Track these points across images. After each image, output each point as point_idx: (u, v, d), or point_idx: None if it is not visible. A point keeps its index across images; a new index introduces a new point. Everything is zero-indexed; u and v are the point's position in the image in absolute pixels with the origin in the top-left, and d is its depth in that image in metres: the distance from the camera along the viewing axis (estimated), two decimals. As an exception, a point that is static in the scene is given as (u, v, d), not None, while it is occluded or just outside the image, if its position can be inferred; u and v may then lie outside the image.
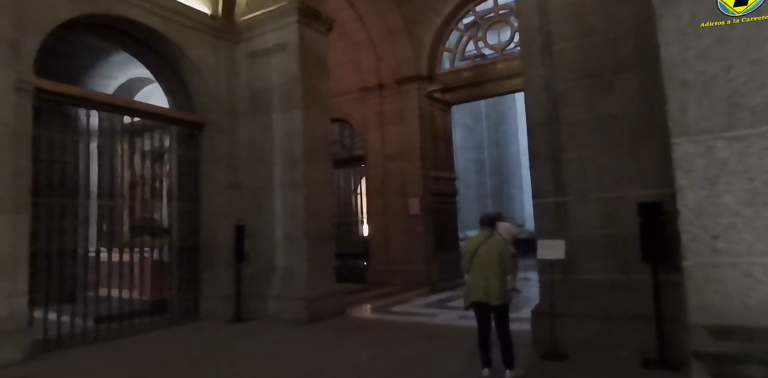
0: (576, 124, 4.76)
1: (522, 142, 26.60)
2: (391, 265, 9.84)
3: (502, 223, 9.11)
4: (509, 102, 26.69)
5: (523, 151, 26.44)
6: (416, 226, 9.49)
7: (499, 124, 26.39)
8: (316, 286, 6.56)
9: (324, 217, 6.91)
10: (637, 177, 4.44)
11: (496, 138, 26.66)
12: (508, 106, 26.54)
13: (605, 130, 4.61)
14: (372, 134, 10.36)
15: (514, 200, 25.91)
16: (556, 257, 4.38)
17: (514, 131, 26.38)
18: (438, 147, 9.51)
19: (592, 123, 4.68)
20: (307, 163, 6.67)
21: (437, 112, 9.59)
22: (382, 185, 10.14)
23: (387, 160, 10.11)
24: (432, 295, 8.43)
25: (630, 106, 4.51)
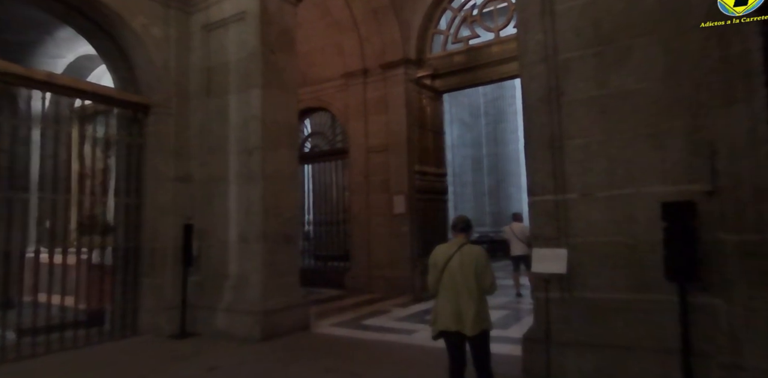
0: (581, 103, 3.83)
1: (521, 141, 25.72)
2: (373, 270, 8.91)
3: (518, 223, 8.37)
4: (509, 99, 25.88)
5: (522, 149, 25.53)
6: (401, 227, 8.55)
7: (498, 121, 25.56)
8: (274, 296, 5.62)
9: (287, 216, 5.97)
10: (658, 169, 3.51)
11: (495, 135, 25.81)
12: (507, 103, 25.72)
13: (618, 110, 3.68)
14: (354, 125, 9.42)
15: (512, 199, 25.07)
16: (555, 271, 3.45)
17: (513, 129, 25.54)
18: (426, 139, 8.57)
19: (602, 102, 3.75)
20: (265, 151, 5.73)
21: (426, 100, 8.65)
22: (364, 181, 9.20)
23: (370, 153, 9.17)
24: (414, 305, 7.49)
25: (650, 80, 3.57)
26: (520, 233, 8.05)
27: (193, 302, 5.90)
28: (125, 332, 5.75)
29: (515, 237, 8.15)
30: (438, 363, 4.08)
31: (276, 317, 5.52)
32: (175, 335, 5.68)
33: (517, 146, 25.21)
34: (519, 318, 6.49)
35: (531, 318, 6.38)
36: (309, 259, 10.66)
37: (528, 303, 7.48)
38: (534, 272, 3.63)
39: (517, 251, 8.17)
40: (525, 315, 6.74)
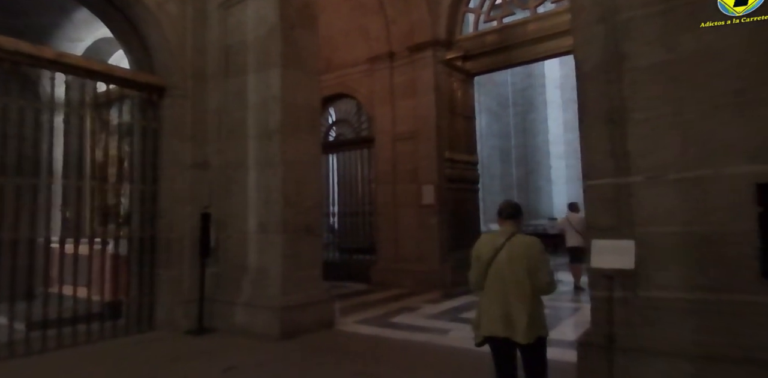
0: (647, 70, 3.26)
1: (552, 131, 24.79)
2: (400, 264, 8.45)
3: (575, 213, 7.85)
4: (538, 89, 25.04)
5: (552, 140, 24.63)
6: (429, 218, 8.06)
7: (527, 111, 24.76)
8: (295, 291, 5.21)
9: (308, 205, 5.54)
10: (745, 146, 2.92)
11: (524, 126, 25.01)
12: (537, 92, 24.89)
13: (693, 75, 3.10)
14: (380, 111, 8.94)
15: (542, 192, 24.32)
16: (621, 266, 2.89)
17: (543, 119, 24.72)
18: (457, 125, 8.02)
19: (673, 68, 3.17)
20: (285, 136, 5.30)
21: (456, 83, 8.10)
22: (391, 170, 8.73)
23: (397, 140, 8.69)
24: (445, 301, 7.00)
25: (735, 37, 2.97)
26: (577, 224, 7.58)
27: (211, 296, 5.55)
28: (141, 327, 5.43)
29: (572, 228, 7.73)
30: (477, 368, 3.61)
31: (297, 313, 5.11)
32: (192, 331, 5.34)
33: (547, 137, 24.38)
34: (560, 317, 5.92)
35: (575, 317, 5.94)
36: (333, 251, 10.27)
37: (568, 299, 6.97)
38: (593, 267, 3.09)
39: (573, 242, 7.75)
40: (565, 314, 6.18)
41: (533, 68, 24.75)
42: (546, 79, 24.67)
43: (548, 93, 24.57)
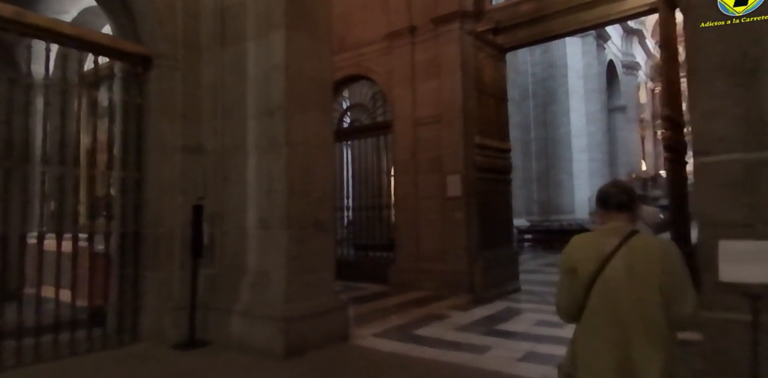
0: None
1: (573, 124, 23.56)
2: (422, 263, 7.50)
3: (646, 206, 6.86)
4: (560, 80, 23.90)
5: (574, 132, 23.38)
6: (455, 212, 7.09)
7: (547, 103, 23.61)
8: (302, 298, 4.30)
9: (318, 196, 4.62)
10: None
11: (544, 118, 23.87)
12: (558, 83, 23.73)
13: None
14: (400, 93, 7.97)
15: (563, 186, 23.22)
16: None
17: (565, 111, 23.56)
18: (487, 107, 7.02)
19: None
20: (290, 113, 4.37)
21: (486, 60, 7.08)
22: (411, 159, 7.77)
23: (418, 126, 7.72)
24: (476, 308, 6.04)
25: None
26: (649, 218, 6.64)
27: (205, 302, 4.67)
28: (123, 338, 4.57)
29: (643, 223, 6.79)
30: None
31: (304, 325, 4.20)
32: (182, 344, 4.46)
33: (569, 129, 23.19)
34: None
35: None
36: (347, 248, 9.36)
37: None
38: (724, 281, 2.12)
39: None
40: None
41: (555, 58, 23.57)
42: (568, 69, 23.46)
43: (570, 84, 23.37)
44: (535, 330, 4.92)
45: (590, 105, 24.19)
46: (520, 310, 5.90)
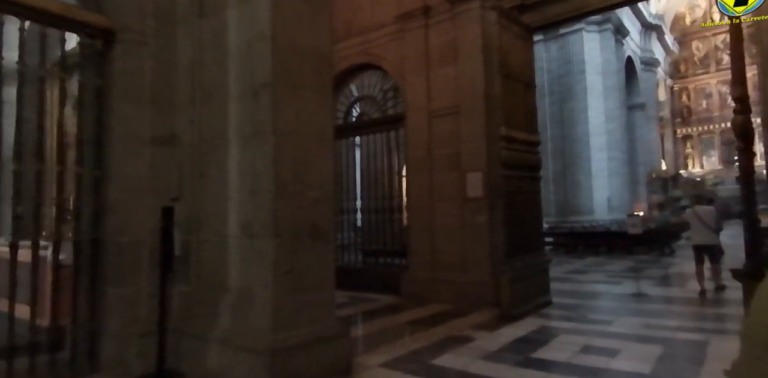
0: None
1: (592, 121, 22.40)
2: (438, 272, 6.59)
3: (703, 206, 7.04)
4: (577, 76, 22.87)
5: (592, 130, 22.23)
6: (476, 216, 6.16)
7: (564, 100, 22.56)
8: (293, 324, 3.41)
9: (314, 195, 3.73)
10: None
11: (561, 116, 22.81)
12: (576, 80, 22.68)
13: None
14: (413, 82, 7.07)
15: (581, 187, 22.17)
16: None
17: (582, 108, 22.49)
18: (514, 94, 6.08)
19: None
20: (278, 93, 3.49)
21: (512, 41, 6.15)
22: (426, 155, 6.86)
23: (434, 118, 6.81)
24: (504, 327, 5.11)
25: None
26: (707, 218, 6.76)
27: (178, 326, 3.80)
28: (79, 367, 3.73)
29: (701, 223, 6.77)
30: None
31: (295, 359, 3.30)
32: (149, 376, 3.61)
33: (587, 127, 22.10)
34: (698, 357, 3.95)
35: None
36: (355, 254, 8.47)
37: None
38: None
39: (701, 239, 6.87)
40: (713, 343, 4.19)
41: (571, 54, 22.54)
42: (586, 65, 22.38)
43: (588, 80, 22.29)
44: (581, 359, 3.97)
45: (609, 102, 23.06)
46: (557, 330, 4.95)
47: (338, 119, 8.30)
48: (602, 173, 22.25)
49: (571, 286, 7.64)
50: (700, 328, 4.79)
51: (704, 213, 6.87)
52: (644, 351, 4.09)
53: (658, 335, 4.59)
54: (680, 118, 32.31)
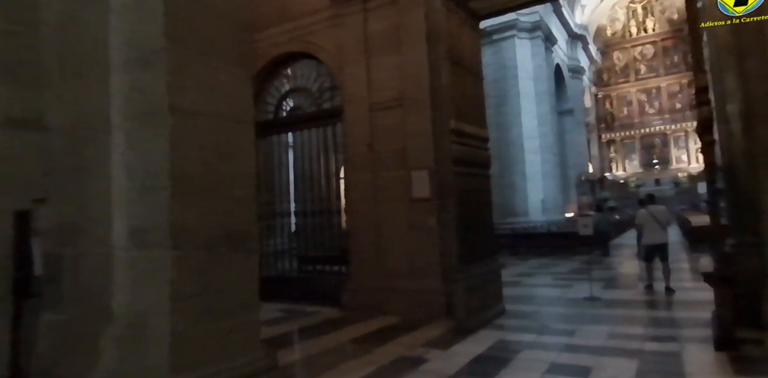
0: None
1: (525, 125, 22.75)
2: (385, 280, 5.87)
3: (656, 206, 7.04)
4: (511, 80, 23.24)
5: (526, 134, 22.58)
6: (426, 217, 5.52)
7: (500, 104, 22.77)
8: (205, 359, 2.56)
9: (236, 195, 2.90)
10: None
11: (497, 120, 22.98)
12: (510, 84, 23.04)
13: None
14: (352, 72, 6.34)
15: (517, 188, 22.51)
16: None
17: (517, 112, 22.90)
18: (464, 84, 5.53)
19: None
20: (178, 61, 2.64)
21: (459, 28, 5.61)
22: (368, 152, 6.15)
23: (375, 111, 6.12)
24: (460, 343, 4.47)
25: None
26: (661, 217, 6.74)
27: (45, 368, 2.81)
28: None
29: (656, 222, 6.67)
30: None
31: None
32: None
33: (521, 131, 22.46)
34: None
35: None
36: (290, 261, 7.58)
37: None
38: None
39: (655, 239, 6.76)
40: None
41: (505, 59, 22.89)
42: (519, 70, 22.80)
43: (521, 85, 22.72)
44: (551, 381, 3.39)
45: (541, 107, 23.60)
46: (518, 345, 4.37)
47: (268, 113, 7.42)
48: (536, 176, 22.68)
49: (522, 291, 7.20)
50: (668, 337, 4.38)
51: (658, 212, 6.82)
52: (618, 367, 3.58)
53: (627, 347, 4.12)
54: (604, 124, 33.86)
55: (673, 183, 28.96)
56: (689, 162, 30.60)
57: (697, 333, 4.34)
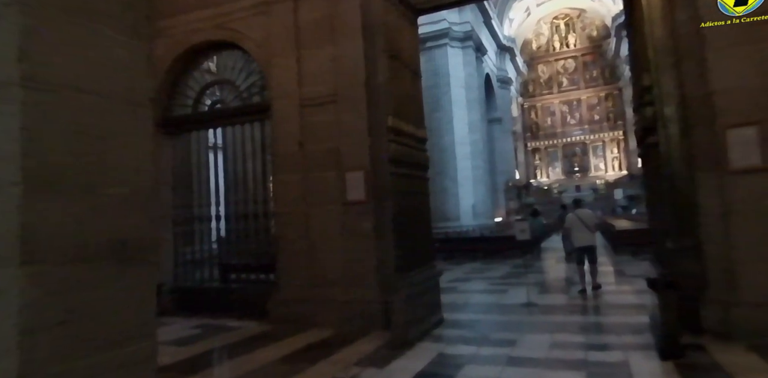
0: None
1: (457, 132, 23.07)
2: (317, 290, 5.35)
3: (583, 210, 7.25)
4: (443, 88, 23.46)
5: (458, 140, 22.90)
6: (361, 222, 5.07)
7: (433, 110, 22.86)
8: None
9: (120, 193, 2.25)
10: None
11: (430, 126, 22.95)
12: (442, 91, 23.25)
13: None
14: (281, 64, 5.79)
15: (448, 194, 22.68)
16: None
17: (449, 119, 23.15)
18: (402, 80, 5.15)
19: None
20: (37, 15, 1.99)
21: (398, 21, 5.24)
22: (298, 151, 5.61)
23: (306, 107, 5.61)
24: (398, 359, 4.03)
25: None
26: (589, 220, 6.85)
27: None
28: None
29: (583, 225, 6.75)
30: None
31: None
32: None
33: (453, 137, 22.72)
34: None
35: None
36: (211, 270, 6.82)
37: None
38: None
39: (584, 241, 6.87)
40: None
41: (438, 66, 23.09)
42: (451, 78, 23.12)
43: (453, 92, 23.04)
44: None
45: (472, 114, 24.05)
46: (460, 359, 4.01)
47: (187, 107, 6.66)
48: (467, 181, 23.02)
49: (459, 298, 6.92)
50: (610, 345, 4.19)
51: (586, 216, 7.00)
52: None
53: (571, 357, 3.88)
54: (530, 133, 35.26)
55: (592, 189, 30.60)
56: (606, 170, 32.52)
57: (638, 340, 4.20)
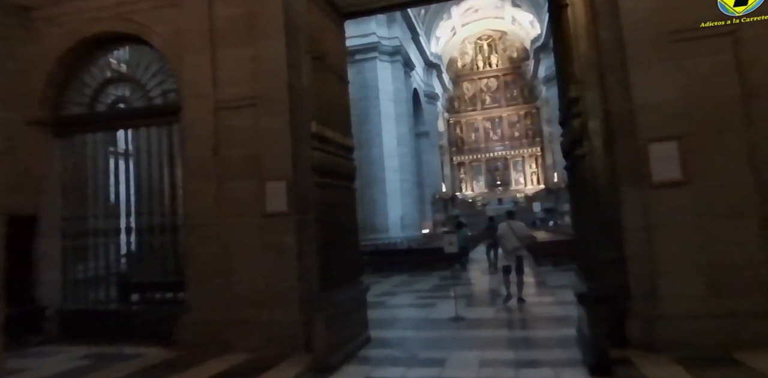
0: None
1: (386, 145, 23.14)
2: (233, 310, 4.80)
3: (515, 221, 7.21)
4: (372, 101, 23.56)
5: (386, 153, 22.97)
6: (282, 236, 4.61)
7: (362, 122, 22.85)
8: None
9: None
10: None
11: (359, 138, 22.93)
12: (372, 104, 23.34)
13: None
14: (193, 63, 5.26)
15: (377, 205, 22.64)
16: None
17: (378, 132, 23.24)
18: (328, 84, 4.82)
19: None
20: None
21: (323, 22, 4.93)
22: (213, 159, 5.07)
23: (223, 110, 5.11)
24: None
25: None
26: (520, 231, 6.99)
27: None
28: None
29: (514, 235, 6.89)
30: None
31: None
32: None
33: (381, 150, 22.76)
34: None
35: None
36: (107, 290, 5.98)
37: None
38: None
39: (512, 251, 6.97)
40: None
41: (367, 79, 23.12)
42: (380, 91, 23.21)
43: (382, 105, 23.14)
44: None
45: (400, 128, 24.25)
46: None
47: (82, 105, 5.87)
48: (396, 193, 23.06)
49: (387, 313, 6.62)
50: (539, 361, 4.07)
51: (518, 227, 7.04)
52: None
53: (502, 376, 3.69)
54: (455, 147, 36.27)
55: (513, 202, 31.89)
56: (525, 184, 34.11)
57: (566, 354, 4.12)
